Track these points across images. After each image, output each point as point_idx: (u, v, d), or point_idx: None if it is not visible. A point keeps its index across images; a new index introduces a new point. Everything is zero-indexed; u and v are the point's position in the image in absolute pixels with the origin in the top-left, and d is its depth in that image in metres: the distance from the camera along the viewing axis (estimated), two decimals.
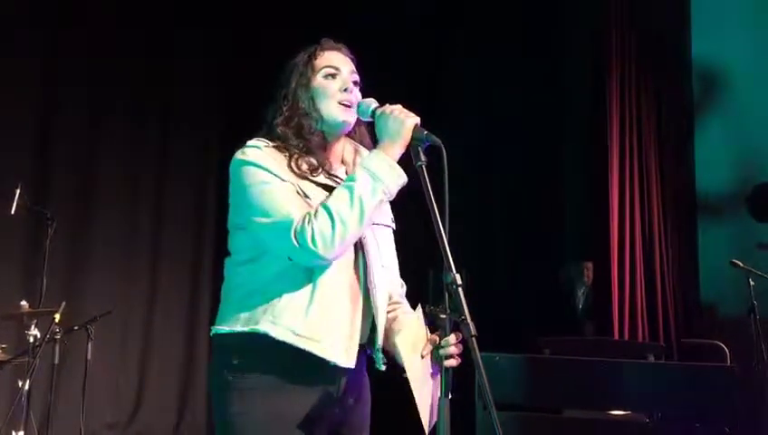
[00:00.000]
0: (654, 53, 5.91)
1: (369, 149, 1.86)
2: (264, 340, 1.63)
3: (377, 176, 1.65)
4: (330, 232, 1.60)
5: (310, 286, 1.67)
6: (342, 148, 1.85)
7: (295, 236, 1.60)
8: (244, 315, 1.67)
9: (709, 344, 4.52)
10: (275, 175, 1.67)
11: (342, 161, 1.84)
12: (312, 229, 1.60)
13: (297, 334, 1.64)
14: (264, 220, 1.64)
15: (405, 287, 1.94)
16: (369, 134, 1.87)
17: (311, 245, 1.60)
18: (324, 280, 1.67)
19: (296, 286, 1.66)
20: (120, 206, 5.78)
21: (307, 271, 1.67)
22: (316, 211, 1.62)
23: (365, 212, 1.64)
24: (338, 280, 1.70)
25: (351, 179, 1.66)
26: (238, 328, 1.67)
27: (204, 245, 6.18)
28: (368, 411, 1.82)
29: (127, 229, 5.82)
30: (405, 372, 1.78)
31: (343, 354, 1.69)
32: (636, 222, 5.59)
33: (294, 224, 1.61)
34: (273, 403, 1.64)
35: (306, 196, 1.68)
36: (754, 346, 4.07)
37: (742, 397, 3.16)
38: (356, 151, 1.87)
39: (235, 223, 1.76)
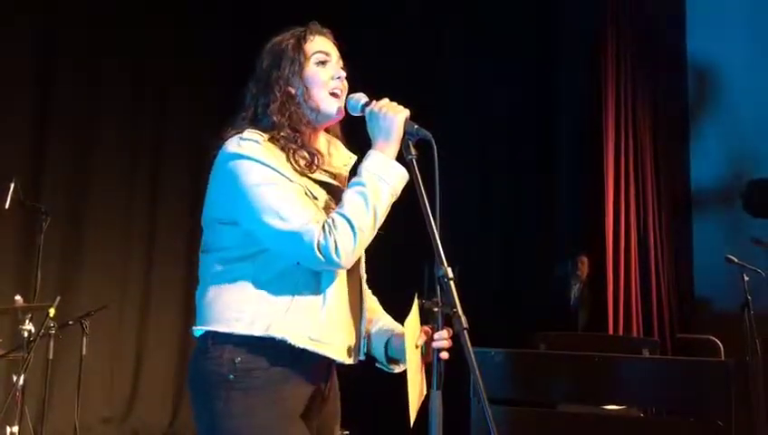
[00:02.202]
0: (649, 51, 5.92)
1: (340, 138, 1.85)
2: (277, 343, 1.60)
3: (384, 179, 1.63)
4: (352, 244, 1.58)
5: (320, 288, 1.64)
6: (319, 138, 1.81)
7: (319, 249, 1.56)
8: (247, 316, 1.60)
9: (703, 339, 4.54)
10: (282, 174, 1.61)
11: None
12: (336, 241, 1.56)
13: (312, 339, 1.62)
14: (279, 225, 1.57)
15: (365, 275, 1.90)
16: (339, 125, 1.84)
17: (335, 257, 1.57)
18: (332, 281, 1.66)
19: (306, 288, 1.63)
20: (114, 201, 5.77)
21: (314, 272, 1.64)
22: (334, 221, 1.58)
23: (379, 218, 1.63)
24: (340, 279, 1.69)
25: (360, 184, 1.62)
26: (241, 330, 1.60)
27: (199, 241, 6.14)
28: (338, 397, 1.82)
29: (122, 224, 5.81)
30: (376, 361, 1.79)
31: (350, 352, 1.70)
32: (631, 218, 5.60)
33: (316, 235, 1.56)
34: (277, 402, 1.61)
35: (314, 197, 1.65)
36: (748, 341, 4.09)
37: (735, 391, 3.17)
38: (329, 142, 1.84)
39: (220, 218, 1.69)
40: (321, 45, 1.76)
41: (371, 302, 1.87)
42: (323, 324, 1.64)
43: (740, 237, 5.36)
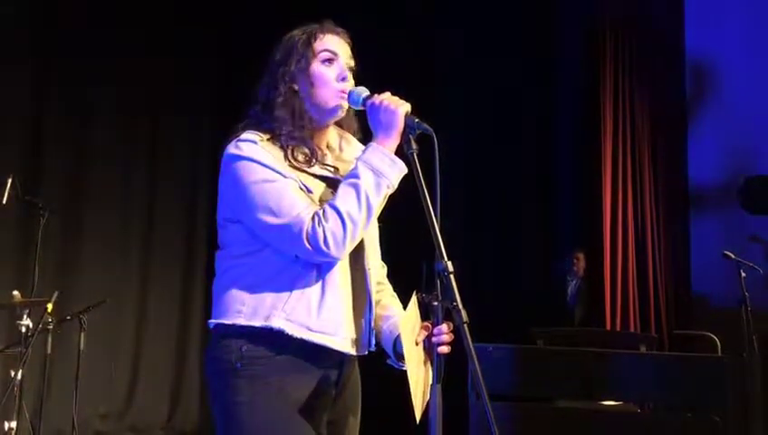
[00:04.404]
0: (647, 48, 5.93)
1: (355, 133, 1.87)
2: (276, 333, 1.64)
3: (379, 172, 1.65)
4: (341, 233, 1.61)
5: (319, 280, 1.67)
6: (328, 134, 1.83)
7: (308, 239, 1.60)
8: (249, 308, 1.66)
9: (700, 335, 4.56)
10: (277, 172, 1.65)
11: (328, 146, 1.83)
12: (324, 231, 1.60)
13: (312, 330, 1.66)
14: (272, 220, 1.63)
15: (386, 268, 1.94)
16: (356, 120, 1.86)
17: (323, 247, 1.61)
18: (332, 273, 1.69)
19: (305, 280, 1.67)
20: (112, 196, 5.77)
21: (314, 265, 1.67)
22: (324, 212, 1.62)
23: (372, 209, 1.65)
24: (343, 271, 1.72)
25: (354, 176, 1.65)
26: (244, 321, 1.66)
27: (196, 235, 6.18)
28: (359, 391, 1.84)
29: (119, 219, 5.82)
30: (388, 357, 1.79)
31: (353, 344, 1.73)
32: (628, 214, 5.62)
33: (306, 227, 1.60)
34: (281, 391, 1.65)
35: (309, 190, 1.69)
36: (744, 337, 4.10)
37: (732, 387, 3.18)
38: (341, 137, 1.86)
39: (228, 217, 1.73)
40: (329, 44, 1.78)
41: (386, 297, 1.88)
42: (323, 316, 1.67)
43: (737, 234, 5.37)
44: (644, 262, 5.62)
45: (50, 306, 3.82)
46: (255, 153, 1.66)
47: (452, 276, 1.54)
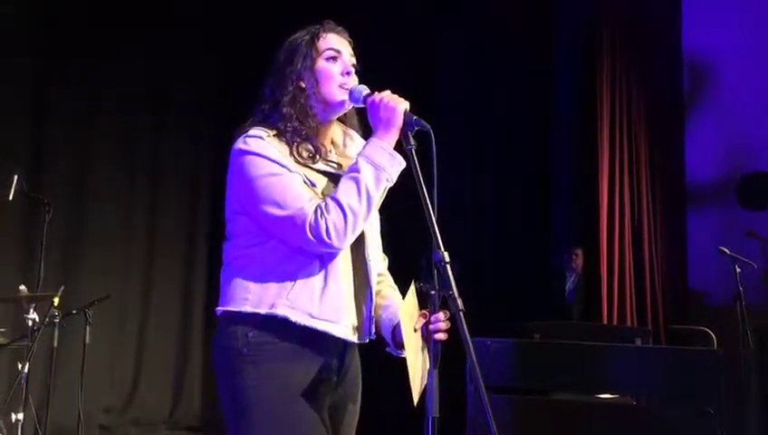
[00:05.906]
0: (645, 45, 5.96)
1: (356, 130, 1.94)
2: (280, 321, 1.71)
3: (379, 166, 1.73)
4: (342, 224, 1.69)
5: (321, 270, 1.74)
6: (333, 130, 1.91)
7: (311, 230, 1.67)
8: (255, 297, 1.73)
9: (696, 330, 4.59)
10: (282, 166, 1.72)
11: (332, 142, 1.90)
12: (326, 223, 1.67)
13: (314, 317, 1.73)
14: (277, 212, 1.70)
15: (387, 261, 2.01)
16: (357, 117, 1.93)
17: (325, 238, 1.68)
18: (334, 263, 1.76)
19: (308, 270, 1.73)
20: (115, 194, 5.82)
21: (317, 255, 1.74)
22: (326, 204, 1.69)
23: (372, 201, 1.73)
24: (345, 261, 1.78)
25: (355, 170, 1.72)
26: (250, 309, 1.72)
27: (197, 232, 6.23)
28: (359, 378, 1.91)
29: (122, 217, 5.87)
30: (387, 345, 1.86)
31: (355, 332, 1.80)
32: (625, 210, 5.65)
33: (309, 218, 1.68)
34: (286, 376, 1.72)
35: (313, 185, 1.76)
36: (740, 331, 4.15)
37: (725, 380, 3.23)
38: (345, 133, 1.94)
39: (236, 209, 1.79)
40: (332, 42, 1.85)
41: (386, 288, 1.95)
42: (325, 304, 1.74)
43: (733, 230, 5.42)
44: (641, 258, 5.64)
45: (56, 300, 3.87)
46: (262, 148, 1.73)
47: (448, 266, 1.60)
